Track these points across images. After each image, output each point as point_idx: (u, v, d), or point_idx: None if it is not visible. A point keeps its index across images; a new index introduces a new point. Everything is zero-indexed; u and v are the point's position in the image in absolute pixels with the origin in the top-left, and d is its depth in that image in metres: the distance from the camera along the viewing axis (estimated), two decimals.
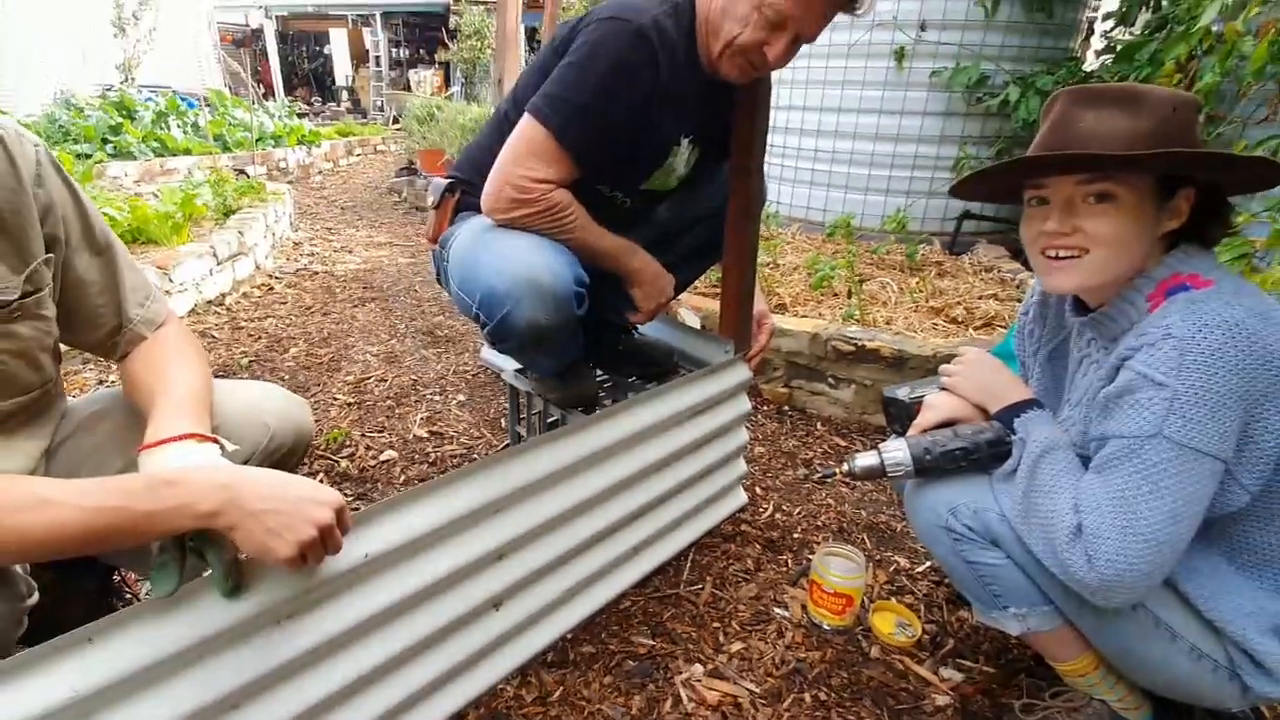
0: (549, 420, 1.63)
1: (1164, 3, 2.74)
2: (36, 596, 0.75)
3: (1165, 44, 2.48)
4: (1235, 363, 0.80)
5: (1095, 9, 3.79)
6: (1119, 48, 2.85)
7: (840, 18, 1.16)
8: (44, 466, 0.90)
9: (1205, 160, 0.84)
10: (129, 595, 1.20)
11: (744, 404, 1.55)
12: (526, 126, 1.14)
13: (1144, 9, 2.87)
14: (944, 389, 1.12)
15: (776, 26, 1.09)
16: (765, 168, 1.45)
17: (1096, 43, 3.33)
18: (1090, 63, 3.36)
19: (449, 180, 1.35)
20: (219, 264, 3.12)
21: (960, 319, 2.41)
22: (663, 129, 1.26)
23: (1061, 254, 0.91)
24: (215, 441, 0.82)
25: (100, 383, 2.28)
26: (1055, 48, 3.32)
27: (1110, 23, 3.03)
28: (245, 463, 0.92)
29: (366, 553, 0.89)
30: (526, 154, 1.14)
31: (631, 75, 1.12)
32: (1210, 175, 0.88)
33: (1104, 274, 0.91)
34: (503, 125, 1.32)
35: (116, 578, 1.18)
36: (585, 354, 1.41)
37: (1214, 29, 2.26)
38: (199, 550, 0.74)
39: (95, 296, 0.89)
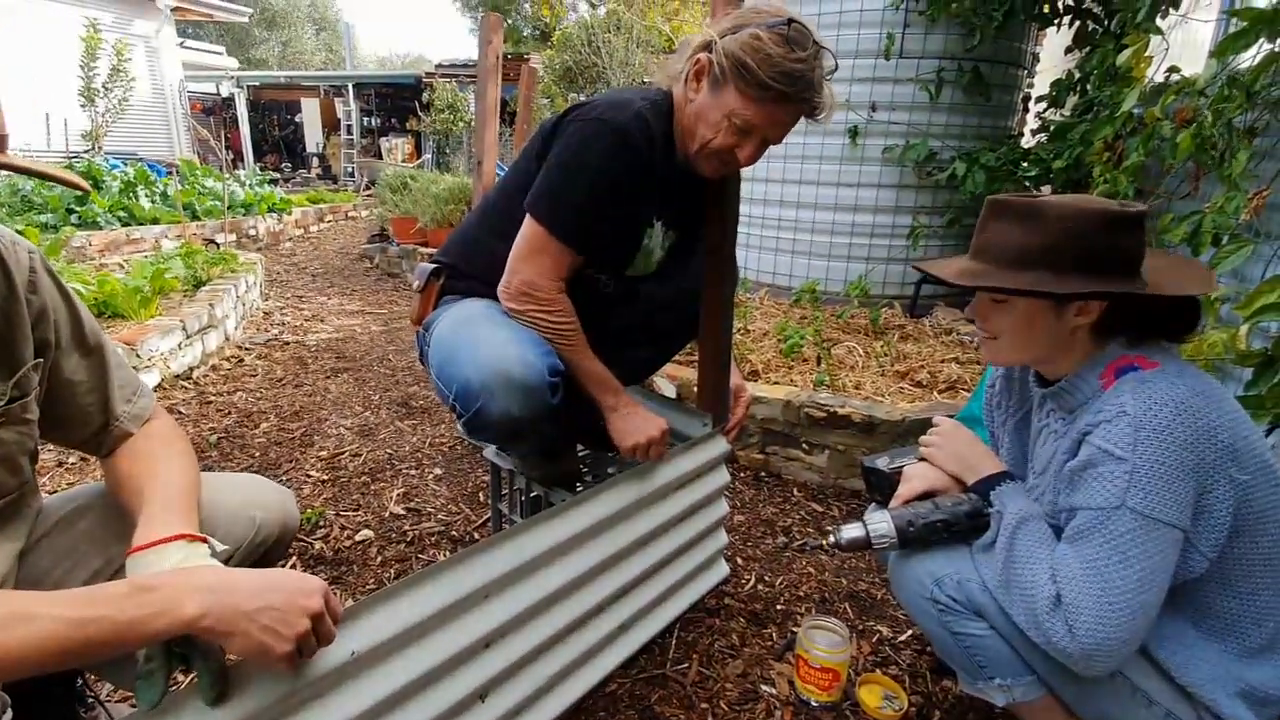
0: (531, 495, 1.62)
1: (1089, 89, 3.01)
2: (10, 714, 0.71)
3: (1094, 126, 2.71)
4: (1183, 438, 0.86)
5: (1031, 84, 4.11)
6: (1052, 127, 3.11)
7: None
8: (17, 567, 0.87)
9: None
10: (91, 699, 1.14)
11: (723, 476, 1.58)
12: (527, 226, 1.24)
13: (1072, 93, 3.14)
14: (922, 459, 1.18)
15: (745, 133, 1.18)
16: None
17: (1032, 121, 3.60)
18: (1028, 140, 3.63)
19: (434, 265, 1.39)
20: (188, 338, 3.07)
21: (925, 382, 2.50)
22: (641, 214, 1.34)
23: (982, 333, 1.06)
24: (205, 541, 0.81)
25: (59, 464, 2.20)
26: (995, 126, 3.58)
27: (1043, 104, 3.29)
28: (230, 558, 0.91)
29: (353, 650, 0.87)
30: (529, 251, 1.23)
31: (615, 172, 1.19)
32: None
33: (1014, 355, 1.04)
34: (489, 212, 1.38)
35: (80, 681, 1.12)
36: (566, 432, 1.43)
37: (1135, 112, 2.49)
38: (185, 657, 0.72)
39: (83, 396, 0.89)
